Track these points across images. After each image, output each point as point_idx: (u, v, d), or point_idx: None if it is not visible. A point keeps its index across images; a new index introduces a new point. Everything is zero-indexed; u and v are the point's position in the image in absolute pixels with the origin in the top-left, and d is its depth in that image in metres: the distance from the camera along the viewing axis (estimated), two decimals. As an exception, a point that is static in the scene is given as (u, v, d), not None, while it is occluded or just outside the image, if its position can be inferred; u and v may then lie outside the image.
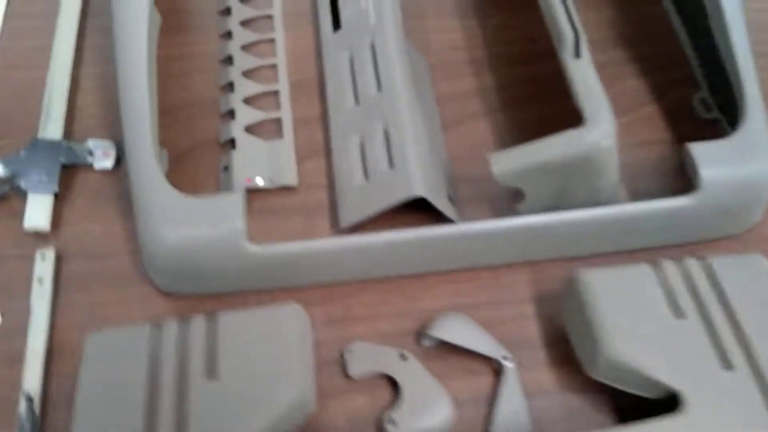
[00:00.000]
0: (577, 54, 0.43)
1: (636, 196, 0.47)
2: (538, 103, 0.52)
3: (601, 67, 0.44)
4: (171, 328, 0.39)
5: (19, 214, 0.47)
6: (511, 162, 0.42)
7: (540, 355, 0.43)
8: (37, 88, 0.52)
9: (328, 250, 0.42)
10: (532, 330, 0.43)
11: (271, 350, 0.38)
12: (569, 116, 0.48)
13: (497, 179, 0.42)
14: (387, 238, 0.42)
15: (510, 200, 0.46)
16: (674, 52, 0.55)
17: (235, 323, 0.39)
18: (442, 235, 0.42)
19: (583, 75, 0.43)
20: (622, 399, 0.40)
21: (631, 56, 0.55)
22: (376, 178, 0.45)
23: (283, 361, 0.37)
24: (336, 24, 0.54)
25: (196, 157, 0.50)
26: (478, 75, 0.54)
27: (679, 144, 0.51)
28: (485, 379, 0.42)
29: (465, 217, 0.46)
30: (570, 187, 0.43)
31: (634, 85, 0.54)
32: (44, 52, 0.54)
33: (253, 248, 0.41)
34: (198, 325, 0.39)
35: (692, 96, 0.53)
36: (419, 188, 0.43)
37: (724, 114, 0.51)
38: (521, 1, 0.56)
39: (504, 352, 0.41)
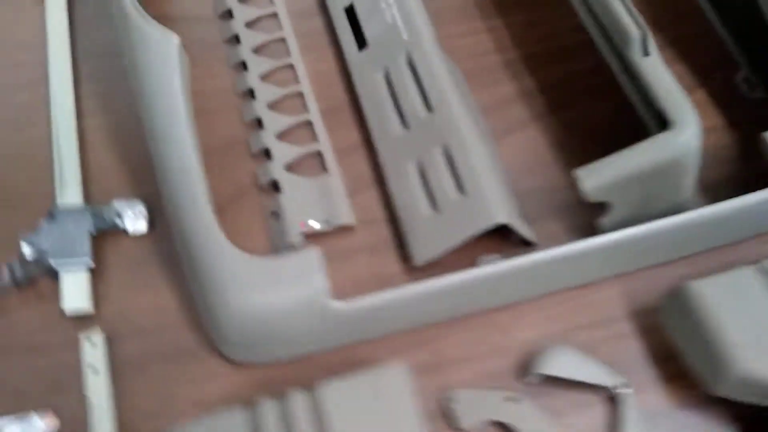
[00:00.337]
0: (646, 52, 0.41)
1: (707, 189, 0.45)
2: (585, 101, 0.50)
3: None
4: (267, 409, 0.35)
5: (52, 297, 0.42)
6: (600, 176, 0.39)
7: (649, 374, 0.40)
8: (41, 149, 0.47)
9: (416, 295, 0.39)
10: (634, 348, 0.41)
11: (383, 417, 0.35)
12: (619, 111, 0.46)
13: (586, 196, 0.39)
14: (478, 274, 0.39)
15: (583, 213, 0.44)
16: (704, 33, 0.53)
17: (338, 393, 0.35)
18: (533, 263, 0.39)
19: (657, 74, 0.40)
20: (743, 408, 0.38)
21: (662, 43, 0.53)
22: (447, 207, 0.42)
23: (398, 426, 0.34)
24: (361, 42, 0.50)
25: (237, 205, 0.46)
26: (516, 78, 0.51)
27: (732, 128, 0.49)
28: (599, 409, 0.39)
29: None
30: (655, 191, 0.41)
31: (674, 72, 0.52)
32: (40, 106, 0.49)
33: (338, 305, 0.37)
34: (297, 400, 0.35)
35: (734, 76, 0.51)
36: (500, 214, 0.40)
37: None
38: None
39: (619, 378, 0.39)
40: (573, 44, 0.51)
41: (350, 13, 0.51)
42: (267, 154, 0.47)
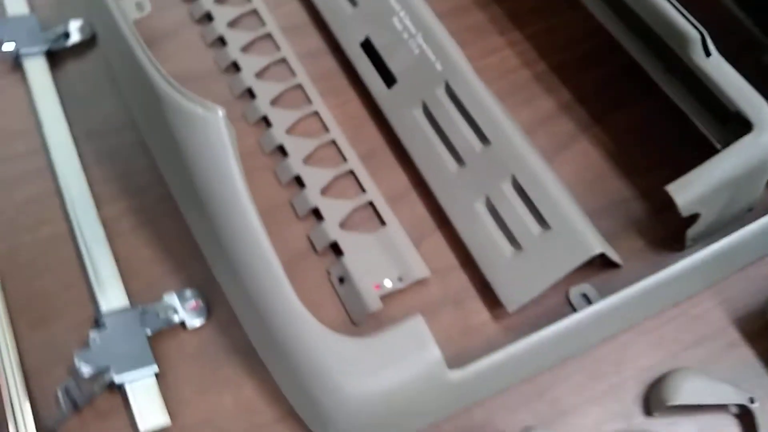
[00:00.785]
0: (708, 52, 0.39)
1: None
2: (624, 105, 0.48)
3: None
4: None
5: (118, 413, 0.38)
6: (693, 189, 0.38)
7: (768, 380, 0.39)
8: (64, 248, 0.42)
9: (528, 348, 0.36)
10: (748, 356, 0.40)
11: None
12: (661, 110, 0.44)
13: (681, 210, 0.38)
14: (586, 314, 0.37)
15: (659, 225, 0.42)
16: (720, 17, 0.52)
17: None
18: (642, 290, 0.37)
19: (725, 74, 0.39)
20: None
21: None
22: (532, 245, 0.39)
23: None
24: (388, 79, 0.47)
25: (296, 274, 0.41)
26: (551, 92, 0.49)
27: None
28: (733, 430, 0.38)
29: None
30: (737, 195, 0.40)
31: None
32: (50, 200, 0.44)
33: (455, 374, 0.35)
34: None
35: (763, 58, 0.50)
36: (595, 245, 0.38)
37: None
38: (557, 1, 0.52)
39: (744, 393, 0.37)
40: (597, 47, 0.50)
41: (367, 47, 0.48)
42: (316, 213, 0.43)
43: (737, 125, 0.39)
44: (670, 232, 0.43)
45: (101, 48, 0.49)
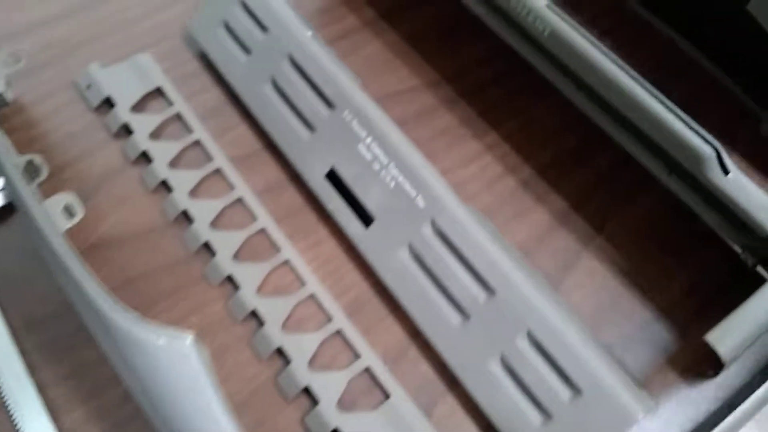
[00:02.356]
0: (726, 170, 0.35)
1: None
2: (629, 204, 0.44)
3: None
4: None
5: None
6: (734, 338, 0.34)
7: None
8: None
9: None
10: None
11: None
12: (672, 204, 0.40)
13: (724, 360, 0.33)
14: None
15: (688, 354, 0.38)
16: (705, 87, 0.48)
17: None
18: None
19: (749, 195, 0.35)
20: None
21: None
22: (562, 413, 0.35)
23: None
24: (364, 218, 0.41)
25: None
26: (544, 200, 0.44)
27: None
28: None
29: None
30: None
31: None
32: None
33: None
34: None
35: (760, 127, 0.47)
36: (637, 409, 0.33)
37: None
38: (532, 90, 0.47)
39: None
40: (584, 140, 0.45)
41: (334, 180, 0.43)
42: (308, 394, 0.38)
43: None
44: (700, 355, 0.38)
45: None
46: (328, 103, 0.43)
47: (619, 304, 0.41)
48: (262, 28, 0.46)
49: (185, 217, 0.43)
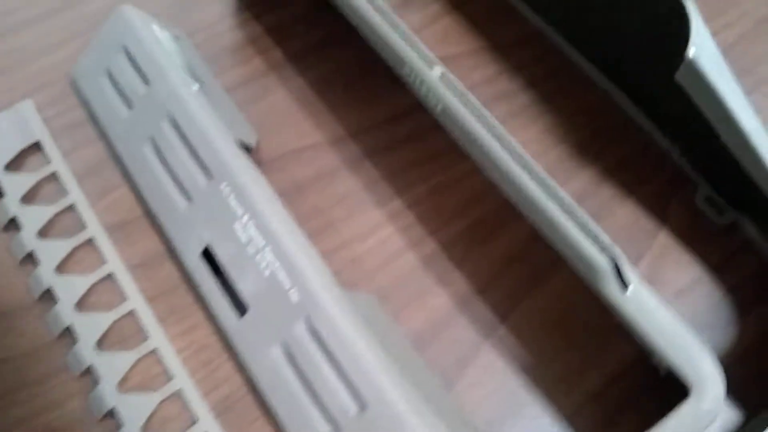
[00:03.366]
0: (624, 283, 0.30)
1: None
2: (538, 288, 0.39)
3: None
4: None
5: None
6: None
7: None
8: None
9: None
10: None
11: None
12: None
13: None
14: None
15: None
16: (641, 152, 0.44)
17: None
18: None
19: (650, 313, 0.30)
20: None
21: (602, 171, 0.43)
22: None
23: None
24: (239, 305, 0.37)
25: None
26: (446, 282, 0.40)
27: (715, 272, 0.40)
28: None
29: None
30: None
31: (627, 215, 0.42)
32: None
33: None
34: None
35: (694, 198, 0.42)
36: None
37: (742, 210, 0.41)
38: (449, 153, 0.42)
39: None
40: (494, 215, 0.41)
41: (209, 259, 0.38)
42: None
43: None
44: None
45: None
46: (206, 172, 0.39)
47: (519, 408, 0.36)
48: (144, 79, 0.42)
49: (51, 295, 0.39)
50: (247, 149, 0.43)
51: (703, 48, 0.34)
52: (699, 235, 0.41)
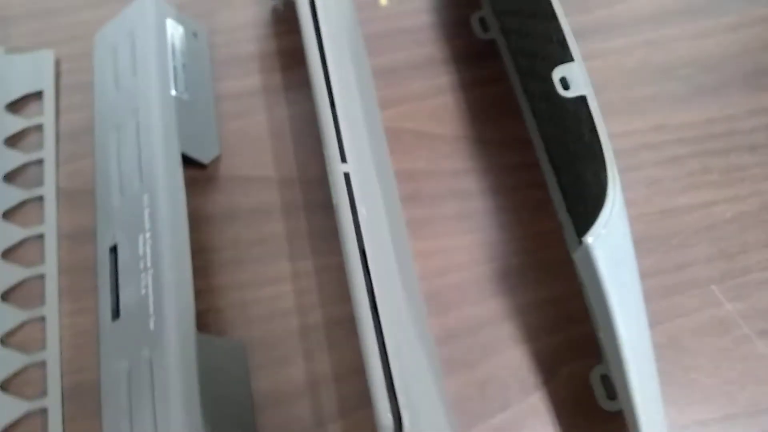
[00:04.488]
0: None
1: None
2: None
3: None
4: None
5: None
6: None
7: None
8: None
9: None
10: None
11: None
12: None
13: None
14: None
15: None
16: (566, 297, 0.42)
17: None
18: None
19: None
20: None
21: (510, 307, 0.42)
22: None
23: None
24: (117, 307, 0.40)
25: None
26: (311, 358, 0.41)
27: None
28: None
29: None
30: None
31: (517, 359, 0.41)
32: None
33: None
34: None
35: (589, 372, 0.40)
36: None
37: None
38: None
39: None
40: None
41: (113, 256, 0.41)
42: (-18, 460, 0.39)
43: None
44: None
45: None
46: (141, 178, 0.41)
47: None
48: (134, 70, 0.45)
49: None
50: (199, 164, 0.45)
51: (603, 239, 0.32)
52: (579, 411, 0.39)
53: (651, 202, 0.44)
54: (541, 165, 0.45)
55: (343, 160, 0.35)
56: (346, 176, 0.35)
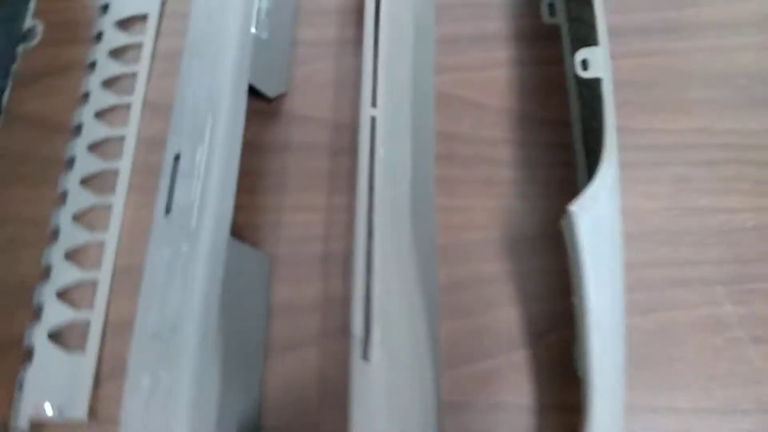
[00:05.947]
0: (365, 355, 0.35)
1: None
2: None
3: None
4: None
5: None
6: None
7: None
8: None
9: None
10: None
11: None
12: None
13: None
14: None
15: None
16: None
17: None
18: None
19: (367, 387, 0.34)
20: None
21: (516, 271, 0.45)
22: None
23: None
24: (169, 207, 0.46)
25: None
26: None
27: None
28: None
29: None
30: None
31: (512, 316, 0.44)
32: None
33: None
34: None
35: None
36: None
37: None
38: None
39: None
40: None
41: (176, 162, 0.47)
42: (39, 312, 0.46)
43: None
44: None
45: None
46: (210, 99, 0.47)
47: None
48: (222, 6, 0.50)
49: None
50: (266, 98, 0.50)
51: (587, 209, 0.35)
52: (556, 375, 0.42)
53: (674, 198, 0.45)
54: (575, 146, 0.47)
55: (374, 105, 0.39)
56: (373, 120, 0.39)
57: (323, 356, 0.43)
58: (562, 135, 0.48)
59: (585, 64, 0.37)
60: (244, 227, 0.47)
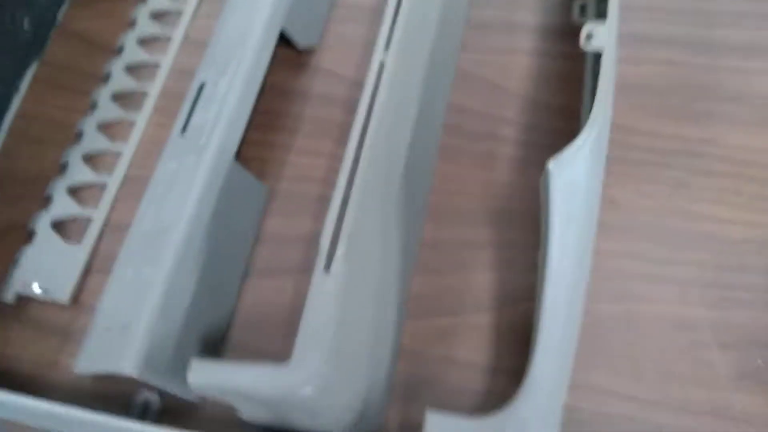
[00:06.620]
0: (327, 266, 0.36)
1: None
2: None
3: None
4: None
5: None
6: (208, 377, 0.36)
7: None
8: None
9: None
10: None
11: None
12: None
13: (193, 389, 0.37)
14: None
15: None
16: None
17: None
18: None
19: (322, 297, 0.36)
20: None
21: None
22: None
23: None
24: (185, 126, 0.49)
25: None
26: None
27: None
28: None
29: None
30: (285, 414, 0.37)
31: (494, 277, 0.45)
32: None
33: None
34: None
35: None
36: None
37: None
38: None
39: None
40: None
41: (200, 91, 0.50)
42: (48, 201, 0.49)
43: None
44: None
45: None
46: (242, 37, 0.50)
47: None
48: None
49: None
50: (295, 47, 0.53)
51: (563, 167, 0.36)
52: (516, 343, 0.42)
53: (668, 199, 0.46)
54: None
55: (387, 48, 0.41)
56: (381, 65, 0.42)
57: (299, 288, 0.45)
58: (569, 123, 0.49)
59: (590, 37, 0.38)
60: (251, 160, 0.49)
